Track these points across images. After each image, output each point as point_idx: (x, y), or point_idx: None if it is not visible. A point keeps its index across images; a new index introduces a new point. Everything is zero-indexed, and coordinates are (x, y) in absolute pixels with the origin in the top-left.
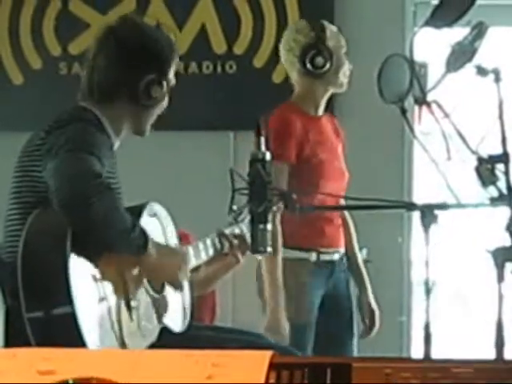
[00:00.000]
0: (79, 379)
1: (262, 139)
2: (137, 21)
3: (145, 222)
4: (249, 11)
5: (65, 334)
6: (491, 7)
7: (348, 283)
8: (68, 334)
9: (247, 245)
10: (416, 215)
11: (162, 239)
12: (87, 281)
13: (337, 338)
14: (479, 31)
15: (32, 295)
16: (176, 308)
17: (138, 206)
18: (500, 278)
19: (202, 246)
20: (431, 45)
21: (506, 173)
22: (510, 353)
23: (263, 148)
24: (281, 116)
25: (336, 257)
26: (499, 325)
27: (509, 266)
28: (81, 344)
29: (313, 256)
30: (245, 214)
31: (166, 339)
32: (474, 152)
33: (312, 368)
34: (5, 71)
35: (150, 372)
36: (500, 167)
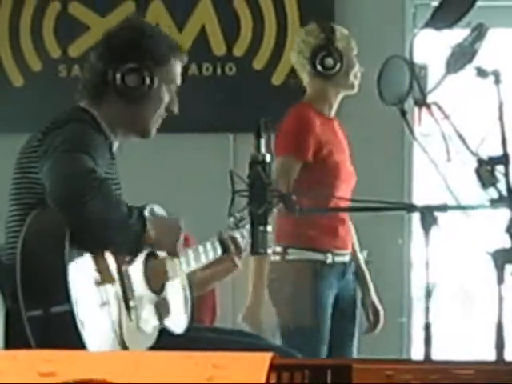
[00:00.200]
0: (80, 381)
1: (262, 141)
2: (132, 18)
3: None
4: (248, 13)
5: (64, 333)
6: (491, 9)
7: (355, 285)
8: (67, 333)
9: (241, 249)
10: (416, 217)
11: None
12: (86, 279)
13: (338, 339)
14: (479, 33)
15: (31, 294)
16: (176, 309)
17: (137, 208)
18: (500, 280)
19: (202, 250)
20: (431, 46)
21: (506, 174)
22: (511, 354)
23: (263, 150)
24: (299, 114)
25: (347, 258)
26: (499, 326)
27: (509, 268)
28: (79, 343)
29: (329, 257)
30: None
31: (166, 341)
32: (474, 153)
33: (312, 369)
34: (5, 73)
35: (151, 373)
36: (500, 169)
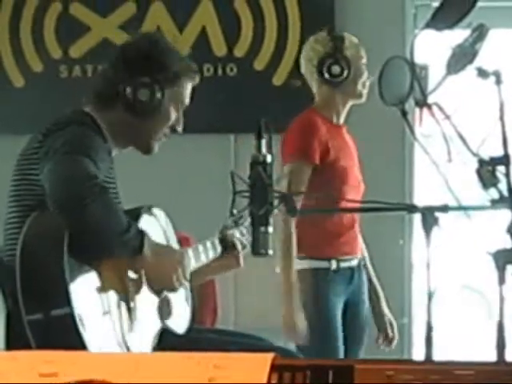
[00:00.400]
0: (81, 382)
1: (263, 141)
2: (152, 34)
3: (143, 225)
4: (249, 13)
5: (64, 336)
6: (492, 9)
7: (365, 290)
8: (67, 335)
9: (238, 249)
10: (417, 217)
11: (163, 243)
12: (86, 282)
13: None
14: (480, 33)
15: (31, 297)
16: (178, 309)
17: (137, 209)
18: (501, 280)
19: (202, 249)
20: (432, 47)
21: (507, 175)
22: None
23: (264, 150)
24: (306, 118)
25: (354, 263)
26: (500, 327)
27: (510, 268)
28: (80, 345)
29: (333, 264)
30: (244, 218)
31: (168, 341)
32: (475, 154)
33: (314, 370)
34: (6, 73)
35: (152, 374)
36: (501, 169)
